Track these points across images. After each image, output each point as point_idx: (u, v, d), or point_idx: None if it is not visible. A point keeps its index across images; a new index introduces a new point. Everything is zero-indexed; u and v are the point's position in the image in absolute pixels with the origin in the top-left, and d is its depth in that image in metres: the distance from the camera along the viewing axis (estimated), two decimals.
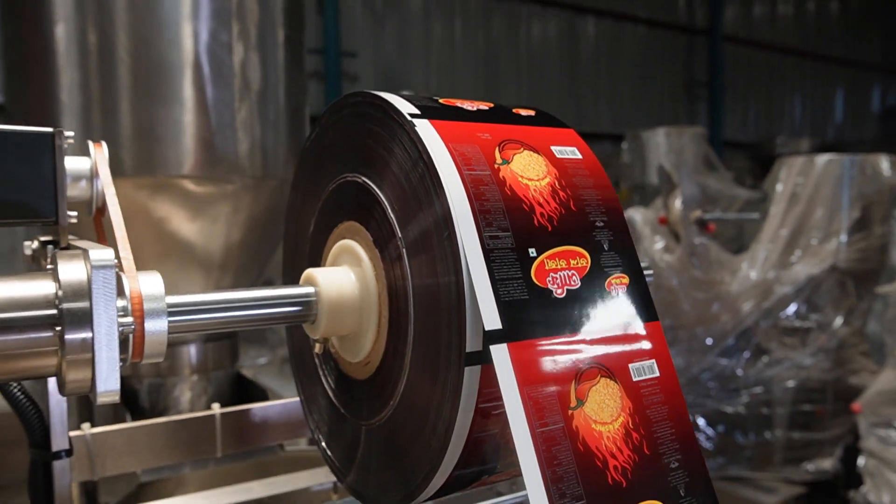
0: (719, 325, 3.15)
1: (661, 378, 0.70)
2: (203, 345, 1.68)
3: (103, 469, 1.01)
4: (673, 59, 12.97)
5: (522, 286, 0.65)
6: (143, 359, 0.68)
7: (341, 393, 0.85)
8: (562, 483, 0.59)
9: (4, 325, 0.62)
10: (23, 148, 0.74)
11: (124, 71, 1.53)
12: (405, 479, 0.74)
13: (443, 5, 10.23)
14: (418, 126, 0.70)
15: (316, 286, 0.78)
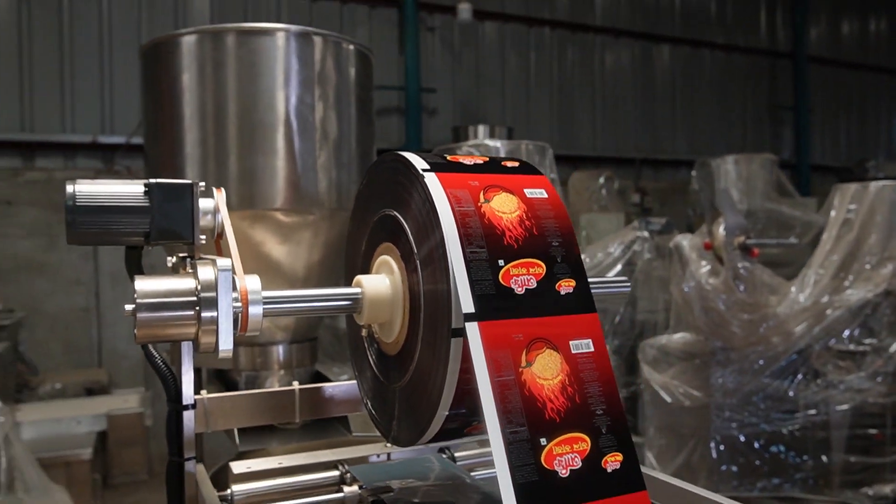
0: (770, 347, 3.30)
1: (594, 353, 0.99)
2: (289, 346, 2.06)
3: (215, 424, 1.39)
4: (755, 83, 12.84)
5: (492, 285, 0.97)
6: (247, 332, 1.03)
7: (380, 364, 1.19)
8: (511, 415, 0.90)
9: (166, 306, 0.99)
10: (174, 193, 1.12)
11: (233, 129, 1.94)
12: (418, 422, 1.07)
13: (517, 39, 10.61)
14: (427, 178, 1.03)
15: (361, 287, 1.12)
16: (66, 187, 1.15)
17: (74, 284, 8.14)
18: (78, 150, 8.25)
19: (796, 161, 12.97)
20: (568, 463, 0.90)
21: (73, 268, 8.12)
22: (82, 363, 8.09)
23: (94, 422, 5.93)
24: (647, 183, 11.16)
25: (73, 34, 8.10)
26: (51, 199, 7.93)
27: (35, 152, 8.07)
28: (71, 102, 8.17)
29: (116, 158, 8.10)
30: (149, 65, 2.10)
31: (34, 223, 7.88)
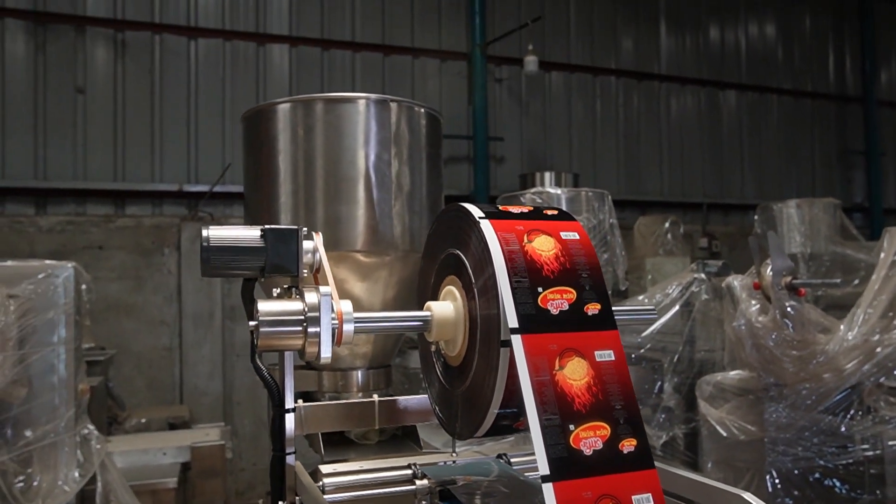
0: (821, 383, 3.41)
1: (615, 361, 1.24)
2: (366, 371, 2.34)
3: (308, 427, 1.68)
4: (823, 127, 12.74)
5: (532, 307, 1.23)
6: (341, 344, 1.32)
7: (445, 374, 1.46)
8: (546, 406, 1.16)
9: (281, 323, 1.29)
10: (284, 237, 1.44)
11: (320, 182, 2.27)
12: (476, 419, 1.33)
13: (583, 88, 10.91)
14: (482, 224, 1.32)
15: (431, 311, 1.41)
16: (202, 231, 1.47)
17: (159, 325, 8.72)
18: (165, 197, 8.90)
19: (869, 205, 12.74)
20: (591, 444, 1.15)
21: (158, 309, 8.71)
22: (164, 400, 8.61)
23: (179, 453, 6.29)
24: (716, 227, 11.17)
25: (163, 90, 8.83)
26: (139, 243, 8.58)
27: (126, 200, 8.75)
28: (160, 154, 8.86)
29: (200, 206, 8.72)
30: (250, 128, 2.47)
31: (123, 266, 8.51)
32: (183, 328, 8.74)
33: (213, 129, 9.04)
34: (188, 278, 8.72)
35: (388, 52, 9.68)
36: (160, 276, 8.71)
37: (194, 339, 8.74)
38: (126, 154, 8.73)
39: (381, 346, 2.35)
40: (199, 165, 9.04)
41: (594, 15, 10.96)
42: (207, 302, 8.80)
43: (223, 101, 9.07)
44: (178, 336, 8.77)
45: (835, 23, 12.92)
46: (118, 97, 8.68)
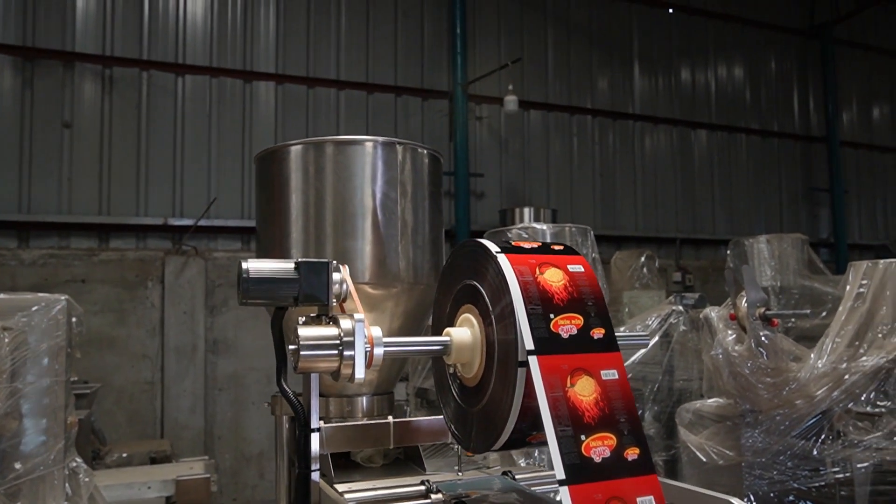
0: (794, 409, 3.60)
1: (618, 380, 1.41)
2: (371, 397, 2.48)
3: (331, 446, 1.81)
4: (790, 166, 13.24)
5: (546, 331, 1.40)
6: (372, 365, 1.47)
7: (461, 394, 1.62)
8: (560, 419, 1.31)
9: (319, 346, 1.44)
10: (316, 269, 1.59)
11: (330, 218, 2.43)
12: (490, 435, 1.48)
13: (560, 127, 11.24)
14: (499, 257, 1.49)
15: (451, 336, 1.57)
16: (241, 264, 1.62)
17: (141, 359, 8.70)
18: (149, 231, 8.95)
19: (834, 240, 13.18)
20: (600, 453, 1.31)
21: (141, 343, 8.70)
22: (145, 434, 8.55)
23: (163, 487, 6.25)
24: (688, 261, 11.48)
25: (150, 123, 8.93)
26: (122, 277, 8.60)
27: (110, 233, 8.78)
28: (145, 188, 8.92)
29: (184, 239, 8.79)
30: (263, 167, 2.63)
31: (106, 300, 8.52)
32: (165, 362, 8.73)
33: (198, 163, 9.15)
34: (171, 312, 8.75)
35: (372, 90, 9.92)
36: (143, 310, 8.73)
37: (176, 372, 8.74)
38: (111, 188, 8.79)
39: (386, 374, 2.49)
40: (184, 199, 9.12)
41: (571, 56, 11.35)
42: (190, 335, 8.82)
43: (209, 137, 9.21)
44: (160, 370, 8.75)
45: (799, 66, 13.49)
46: (104, 132, 8.77)
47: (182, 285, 8.79)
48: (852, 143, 13.67)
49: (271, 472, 9.35)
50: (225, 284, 9.02)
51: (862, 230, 13.77)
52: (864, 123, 14.08)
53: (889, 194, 14.19)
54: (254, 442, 9.00)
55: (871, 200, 13.98)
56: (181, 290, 8.79)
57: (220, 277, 9.01)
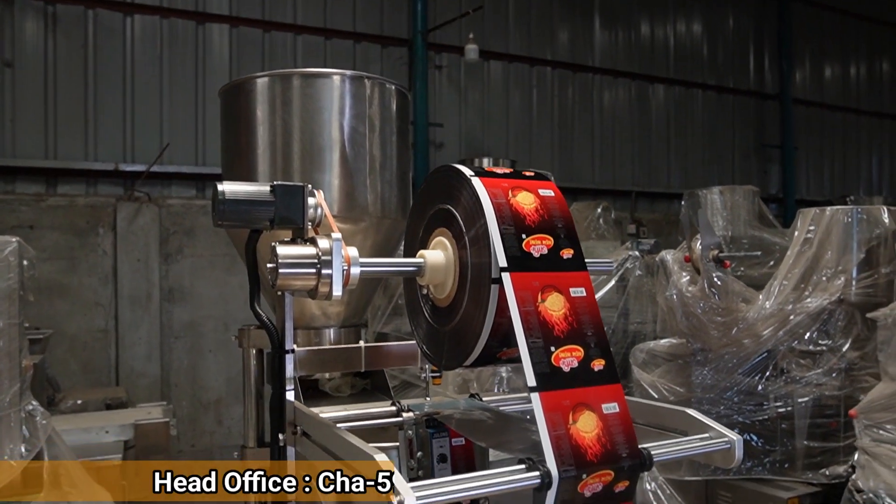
0: (742, 348, 3.78)
1: (586, 297, 1.47)
2: (339, 330, 2.52)
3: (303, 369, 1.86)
4: (744, 122, 13.49)
5: (518, 250, 1.45)
6: (348, 285, 1.51)
7: (433, 315, 1.67)
8: (531, 331, 1.37)
9: (298, 265, 1.47)
10: (291, 192, 1.61)
11: (297, 151, 2.43)
12: (462, 352, 1.54)
13: (520, 78, 11.22)
14: (473, 180, 1.52)
15: (424, 258, 1.61)
16: (217, 186, 1.62)
17: (94, 307, 8.56)
18: (99, 176, 8.72)
19: (783, 196, 13.58)
20: (569, 363, 1.38)
21: (93, 291, 8.55)
22: (100, 382, 8.47)
23: (122, 431, 6.21)
24: (643, 214, 11.71)
25: (97, 65, 8.62)
26: (73, 223, 8.39)
27: (58, 178, 8.53)
28: (94, 132, 8.66)
29: (137, 185, 8.60)
30: (227, 101, 2.60)
31: (56, 247, 8.32)
32: (119, 310, 8.61)
33: (150, 108, 8.90)
34: (124, 259, 8.59)
35: (330, 35, 9.73)
36: (95, 257, 8.55)
37: (131, 320, 8.63)
38: (58, 131, 8.50)
39: (354, 307, 2.53)
40: (135, 144, 8.88)
41: (532, 6, 11.28)
42: (145, 284, 8.70)
43: (160, 81, 8.94)
44: (113, 318, 8.63)
45: (755, 24, 13.66)
46: (49, 72, 8.43)
47: (135, 232, 8.63)
48: (804, 101, 13.99)
49: (230, 419, 9.39)
50: (180, 232, 8.88)
51: (810, 186, 14.20)
52: (816, 82, 14.40)
53: (837, 152, 14.62)
54: (211, 389, 9.00)
55: (819, 158, 14.39)
56: (134, 238, 8.62)
57: (174, 225, 8.86)
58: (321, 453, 1.53)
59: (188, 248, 8.92)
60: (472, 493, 1.22)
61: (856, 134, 14.78)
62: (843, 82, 14.74)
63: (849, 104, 14.55)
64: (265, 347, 2.45)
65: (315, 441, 1.58)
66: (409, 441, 1.74)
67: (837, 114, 14.47)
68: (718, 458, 1.49)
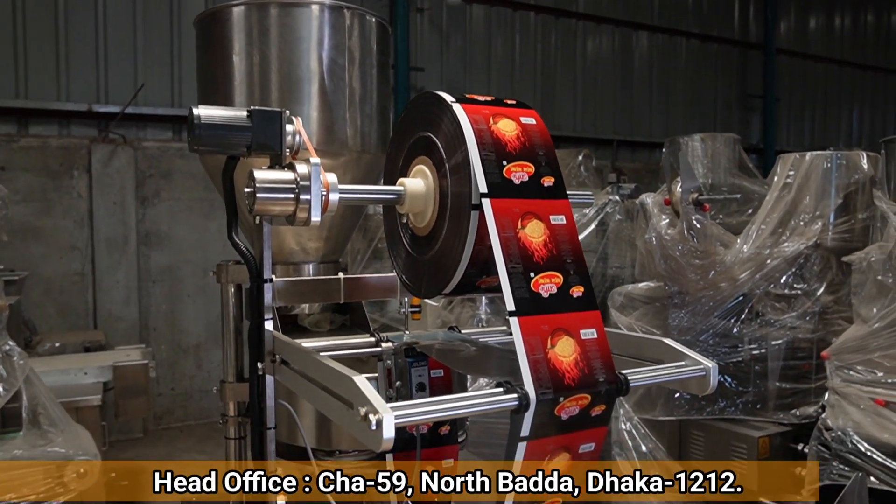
0: (718, 291, 3.83)
1: (566, 225, 1.47)
2: (318, 265, 2.51)
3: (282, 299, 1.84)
4: (726, 71, 13.41)
5: (499, 176, 1.43)
6: (327, 211, 1.49)
7: (412, 244, 1.66)
8: (511, 257, 1.37)
9: (276, 189, 1.44)
10: (269, 118, 1.57)
11: (275, 82, 2.37)
12: (441, 280, 1.54)
13: (503, 23, 11.03)
14: (454, 107, 1.49)
15: (405, 186, 1.59)
16: (192, 110, 1.58)
17: (69, 250, 8.46)
18: (73, 117, 8.52)
19: (763, 147, 13.62)
20: (548, 289, 1.38)
21: (69, 234, 8.44)
22: (77, 326, 8.43)
23: (101, 373, 6.19)
24: (624, 163, 11.70)
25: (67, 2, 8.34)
26: (46, 165, 8.22)
27: (30, 119, 8.32)
28: (66, 71, 8.42)
29: (111, 127, 8.41)
30: (203, 31, 2.52)
31: (29, 189, 8.16)
32: (95, 253, 8.52)
33: (123, 47, 8.65)
34: (100, 202, 8.47)
35: None
36: (70, 200, 8.41)
37: (108, 264, 8.55)
38: (28, 70, 8.25)
39: (333, 243, 2.52)
40: (108, 85, 8.66)
41: None
42: (121, 227, 8.59)
43: (134, 19, 8.67)
44: (90, 261, 8.54)
45: None
46: (17, 8, 8.15)
47: (110, 175, 8.48)
48: (788, 52, 13.91)
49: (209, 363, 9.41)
50: (156, 175, 8.74)
51: (790, 138, 14.23)
52: (800, 32, 14.30)
53: (818, 104, 14.63)
54: (191, 334, 9.00)
55: (800, 109, 14.40)
56: (110, 181, 8.48)
57: (150, 168, 8.71)
58: (300, 381, 1.53)
59: (165, 192, 8.80)
60: (449, 414, 1.23)
61: (838, 86, 14.77)
62: (828, 33, 14.65)
63: (832, 55, 14.50)
64: (244, 283, 2.44)
65: (294, 368, 1.58)
66: (387, 371, 1.74)
67: (820, 65, 14.42)
68: (694, 386, 1.52)
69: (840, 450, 3.08)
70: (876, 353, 3.22)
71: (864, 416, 3.11)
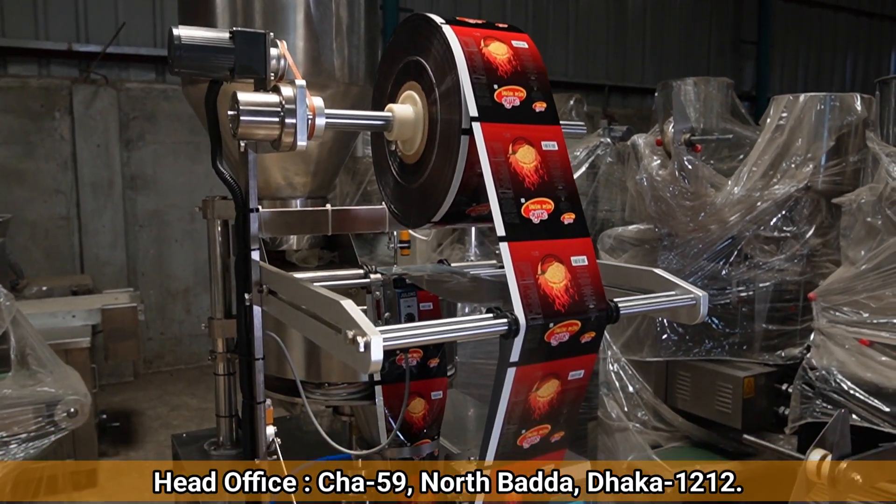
0: (708, 233, 3.82)
1: (558, 150, 1.44)
2: (305, 201, 2.47)
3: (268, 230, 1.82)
4: (720, 16, 13.21)
5: (490, 100, 1.39)
6: (313, 137, 1.45)
7: (401, 172, 1.63)
8: (502, 182, 1.34)
9: (260, 113, 1.40)
10: (252, 40, 1.52)
11: (259, 9, 2.29)
12: (430, 208, 1.51)
13: None
14: (444, 28, 1.44)
15: (393, 112, 1.54)
16: (172, 31, 1.52)
17: (54, 193, 8.35)
18: (52, 57, 8.31)
19: (756, 94, 13.50)
20: (539, 215, 1.35)
21: (52, 177, 8.32)
22: (64, 270, 8.37)
23: (89, 316, 6.18)
24: (615, 109, 11.60)
25: None
26: (26, 106, 8.05)
27: (8, 58, 8.12)
28: (44, 7, 8.18)
29: (92, 67, 8.21)
30: None
31: (9, 131, 8.01)
32: (80, 197, 8.42)
33: None
34: (83, 145, 8.32)
35: None
36: (52, 143, 8.27)
37: (94, 208, 8.46)
38: (5, 6, 8.01)
39: (321, 179, 2.47)
40: (89, 23, 8.43)
41: None
42: (106, 170, 8.47)
43: None
44: (75, 205, 8.45)
45: None
46: None
47: (93, 117, 8.32)
48: None
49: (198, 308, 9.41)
50: (140, 118, 8.58)
51: (783, 85, 14.10)
52: None
53: (812, 51, 14.47)
54: (179, 278, 8.98)
55: (794, 56, 14.25)
56: (93, 123, 8.32)
57: (134, 110, 8.55)
58: (288, 310, 1.52)
59: (150, 135, 8.66)
60: (438, 338, 1.22)
61: (833, 32, 14.59)
62: None
63: (827, 0, 14.29)
64: (230, 218, 2.40)
65: (281, 298, 1.56)
66: (376, 302, 1.73)
67: (815, 10, 14.22)
68: (684, 315, 1.51)
69: (823, 388, 3.12)
70: (862, 294, 3.24)
71: (849, 355, 3.14)
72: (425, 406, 1.80)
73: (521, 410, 1.34)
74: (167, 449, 2.94)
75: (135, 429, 6.91)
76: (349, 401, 1.89)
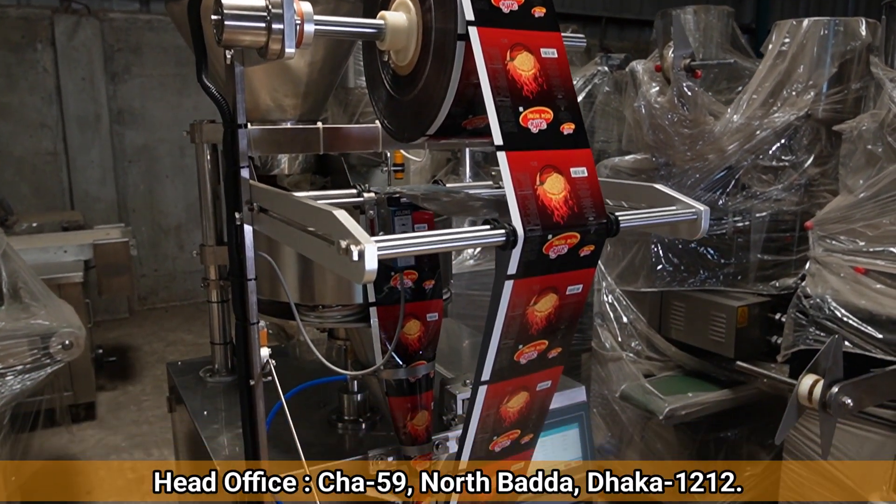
0: (706, 163, 3.77)
1: (558, 59, 1.38)
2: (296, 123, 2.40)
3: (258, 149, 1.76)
4: None
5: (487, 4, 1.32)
6: (301, 45, 1.38)
7: (393, 84, 1.57)
8: (499, 90, 1.29)
9: (246, 17, 1.33)
10: None
11: None
12: (424, 121, 1.46)
13: None
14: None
15: (385, 20, 1.47)
16: None
17: (39, 128, 8.20)
18: None
19: (756, 27, 13.24)
20: (537, 125, 1.31)
21: (37, 111, 8.16)
22: (53, 206, 8.29)
23: (81, 251, 6.14)
24: (612, 42, 11.35)
25: None
26: (6, 37, 7.83)
27: None
28: None
29: None
30: None
31: None
32: (67, 132, 8.28)
33: None
34: (67, 78, 8.13)
35: None
36: (35, 75, 8.07)
37: (81, 143, 8.32)
38: None
39: (312, 101, 2.40)
40: None
41: None
42: (92, 104, 8.30)
43: None
44: (62, 140, 8.31)
45: None
46: None
47: (77, 48, 8.10)
48: None
49: (191, 245, 9.38)
50: (125, 49, 8.36)
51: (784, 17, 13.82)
52: None
53: None
54: (171, 215, 8.91)
55: None
56: (76, 55, 8.11)
57: (119, 42, 8.32)
58: (279, 226, 1.48)
59: (136, 68, 8.46)
60: (434, 248, 1.18)
61: None
62: None
63: None
64: (218, 143, 2.34)
65: (272, 215, 1.52)
66: (370, 222, 1.69)
67: None
68: (685, 230, 1.48)
69: (817, 316, 3.12)
70: (859, 222, 3.21)
71: (844, 283, 3.14)
72: (421, 328, 1.78)
73: (518, 325, 1.32)
74: (164, 382, 2.95)
75: (131, 363, 6.96)
76: (344, 323, 1.87)
